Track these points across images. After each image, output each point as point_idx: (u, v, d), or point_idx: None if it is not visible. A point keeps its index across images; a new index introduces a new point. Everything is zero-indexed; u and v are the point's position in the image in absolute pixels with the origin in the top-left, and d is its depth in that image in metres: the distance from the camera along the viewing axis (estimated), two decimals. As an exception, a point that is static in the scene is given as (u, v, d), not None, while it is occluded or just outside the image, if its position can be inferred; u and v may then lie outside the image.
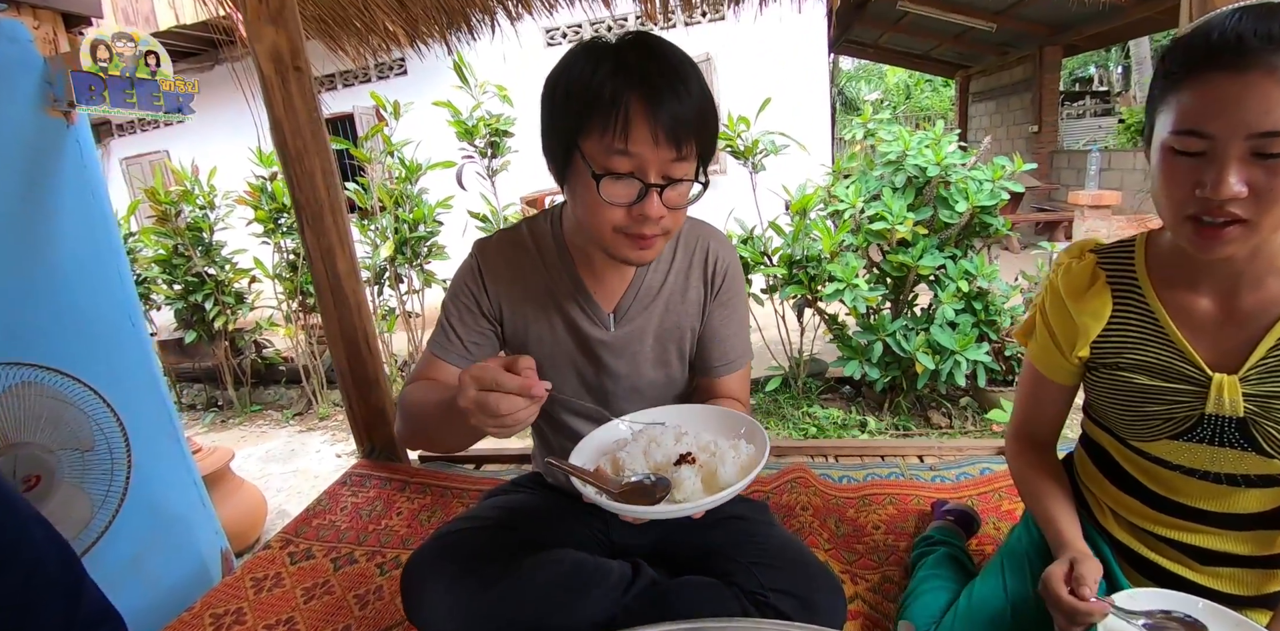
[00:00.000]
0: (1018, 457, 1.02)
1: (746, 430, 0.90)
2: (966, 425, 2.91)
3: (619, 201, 0.86)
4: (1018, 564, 1.00)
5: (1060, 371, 0.96)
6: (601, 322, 1.07)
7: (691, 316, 1.10)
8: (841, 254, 2.87)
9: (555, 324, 1.07)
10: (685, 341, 1.11)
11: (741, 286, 1.14)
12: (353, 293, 1.75)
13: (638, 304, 1.07)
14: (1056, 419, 1.02)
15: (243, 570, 1.43)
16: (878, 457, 1.69)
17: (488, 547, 1.00)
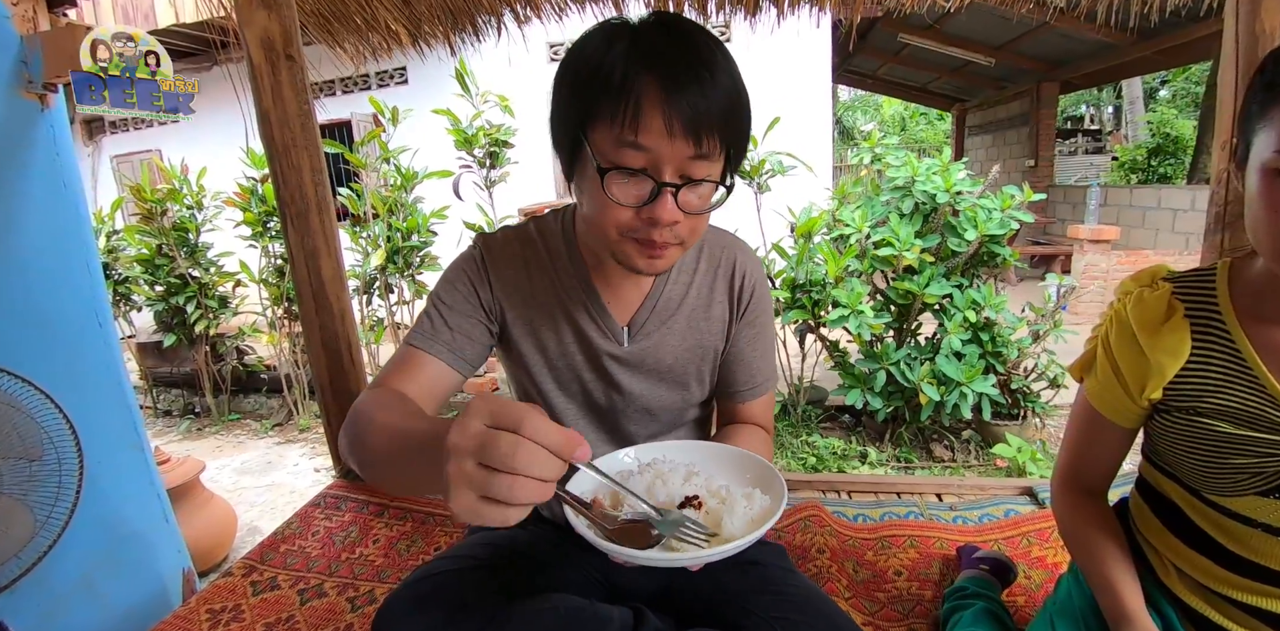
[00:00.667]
0: (1069, 509, 0.91)
1: (763, 477, 0.80)
2: (970, 459, 2.81)
3: (627, 201, 0.75)
4: (1071, 625, 0.89)
5: (1123, 413, 0.85)
6: (614, 336, 0.96)
7: (715, 336, 1.00)
8: (846, 279, 2.79)
9: (563, 333, 0.96)
10: (707, 362, 1.00)
11: (769, 305, 1.04)
12: (336, 298, 1.63)
13: (655, 318, 0.97)
14: (1112, 465, 0.91)
15: (198, 600, 1.29)
16: (893, 495, 1.58)
17: (470, 593, 0.87)
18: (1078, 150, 12.30)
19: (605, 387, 0.99)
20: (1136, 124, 12.31)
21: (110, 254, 3.90)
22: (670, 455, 0.82)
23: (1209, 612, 0.82)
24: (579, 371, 0.99)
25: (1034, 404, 2.85)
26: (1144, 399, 0.80)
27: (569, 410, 1.02)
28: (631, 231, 0.78)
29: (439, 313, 0.94)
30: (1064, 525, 0.92)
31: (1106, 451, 0.89)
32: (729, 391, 1.03)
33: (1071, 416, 0.93)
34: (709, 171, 0.76)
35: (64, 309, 1.56)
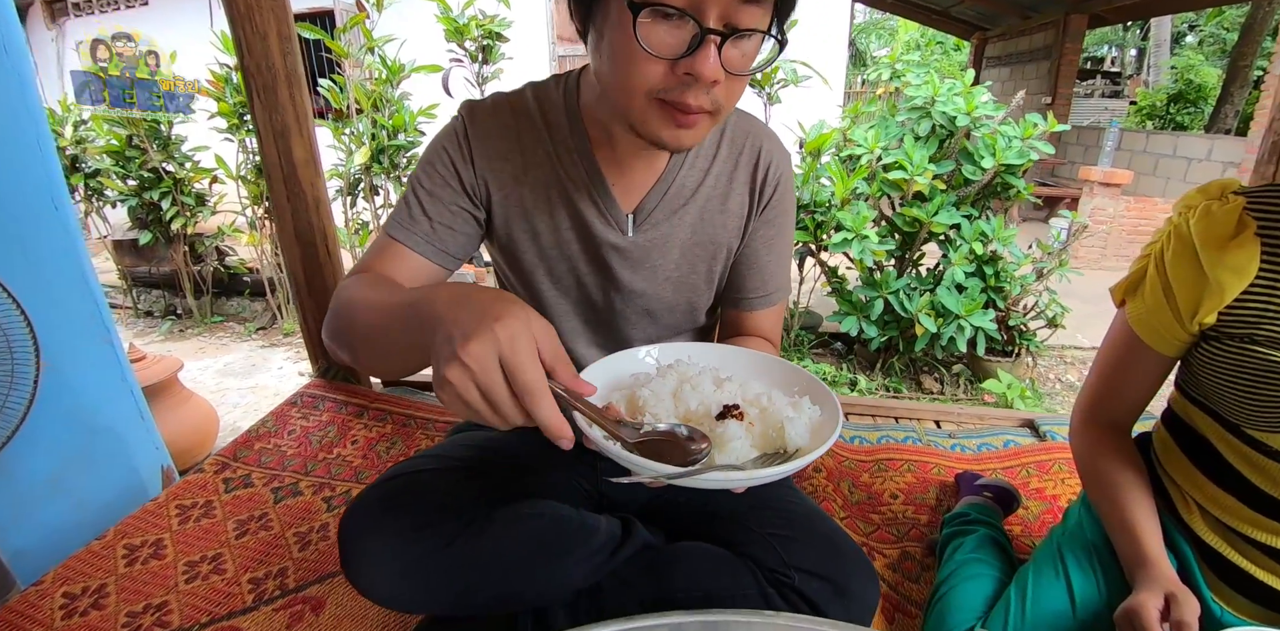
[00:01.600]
0: (1089, 443, 0.84)
1: (807, 387, 0.69)
2: (959, 393, 2.78)
3: (662, 51, 0.60)
4: (1082, 557, 0.83)
5: (1167, 340, 0.75)
6: (617, 224, 0.83)
7: (730, 231, 0.87)
8: (853, 202, 2.64)
9: (559, 218, 0.83)
10: (718, 261, 0.88)
11: (792, 204, 0.91)
12: (310, 185, 1.47)
13: (665, 205, 0.84)
14: (1143, 397, 0.82)
15: (168, 496, 1.22)
16: (891, 419, 1.52)
17: (449, 495, 0.79)
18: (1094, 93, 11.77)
19: (602, 283, 0.88)
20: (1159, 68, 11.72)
21: (79, 144, 3.63)
22: (695, 357, 0.71)
23: (1228, 552, 0.76)
24: (574, 263, 0.87)
25: (1029, 342, 2.80)
26: (1194, 324, 0.70)
27: (560, 306, 0.91)
28: (663, 91, 0.63)
29: (418, 199, 0.80)
30: (1083, 460, 0.84)
31: (1140, 382, 0.81)
32: (737, 297, 0.91)
33: (1105, 343, 0.83)
34: (759, 20, 0.61)
35: (13, 189, 1.39)
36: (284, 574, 1.03)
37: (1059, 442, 1.38)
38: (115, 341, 1.69)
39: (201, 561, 1.06)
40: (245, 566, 1.05)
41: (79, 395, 1.54)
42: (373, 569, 0.74)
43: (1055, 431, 1.42)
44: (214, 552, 1.08)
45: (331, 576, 1.02)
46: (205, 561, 1.06)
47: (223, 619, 0.94)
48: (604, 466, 0.92)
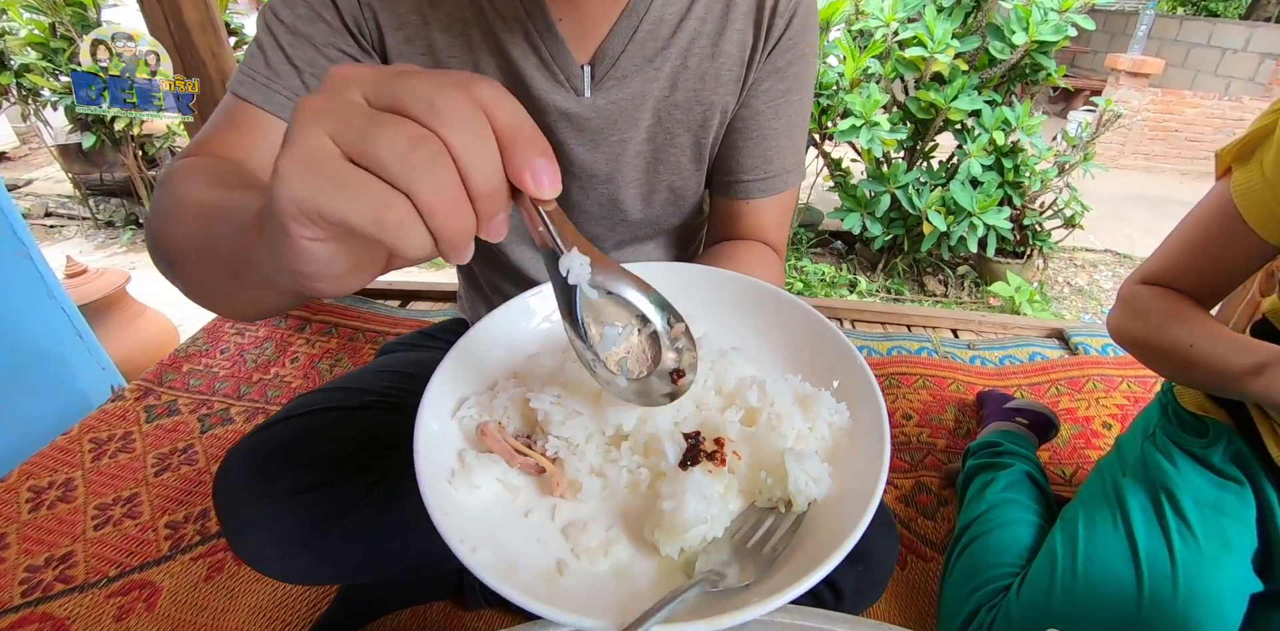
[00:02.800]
0: (1145, 293, 0.64)
1: (826, 357, 0.44)
2: (963, 295, 2.58)
3: None
4: (1148, 503, 0.66)
5: (1277, 218, 0.55)
6: (569, 80, 0.57)
7: (725, 85, 0.61)
8: (863, 84, 2.28)
9: (484, 73, 0.56)
10: (709, 129, 0.63)
11: (813, 45, 0.63)
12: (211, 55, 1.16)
13: (635, 51, 0.57)
14: (1221, 285, 0.63)
15: (80, 429, 1.04)
16: (903, 328, 1.32)
17: (356, 442, 0.59)
18: (1122, -30, 10.57)
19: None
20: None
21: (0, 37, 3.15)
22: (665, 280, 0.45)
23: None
24: None
25: (1043, 243, 2.55)
26: None
27: None
28: None
29: (276, 42, 0.52)
30: (1134, 309, 0.63)
31: (1222, 269, 0.60)
32: (729, 180, 0.66)
33: (1189, 217, 0.62)
34: None
35: None
36: (205, 516, 0.87)
37: (1091, 357, 1.19)
38: (35, 256, 1.46)
39: (114, 504, 0.89)
40: (163, 508, 0.88)
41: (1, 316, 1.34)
42: (257, 541, 0.56)
43: (1088, 344, 1.22)
44: (129, 493, 0.91)
45: (258, 521, 0.86)
46: (119, 504, 0.89)
47: (133, 571, 0.79)
48: None
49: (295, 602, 0.75)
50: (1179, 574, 0.60)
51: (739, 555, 0.35)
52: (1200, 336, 0.56)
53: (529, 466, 0.38)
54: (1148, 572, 0.60)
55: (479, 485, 0.37)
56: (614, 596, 0.33)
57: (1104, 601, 0.60)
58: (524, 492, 0.38)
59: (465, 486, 0.37)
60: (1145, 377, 1.12)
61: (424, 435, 0.37)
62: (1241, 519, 0.64)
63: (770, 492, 0.38)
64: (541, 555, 0.35)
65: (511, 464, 0.38)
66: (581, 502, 0.38)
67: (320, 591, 0.75)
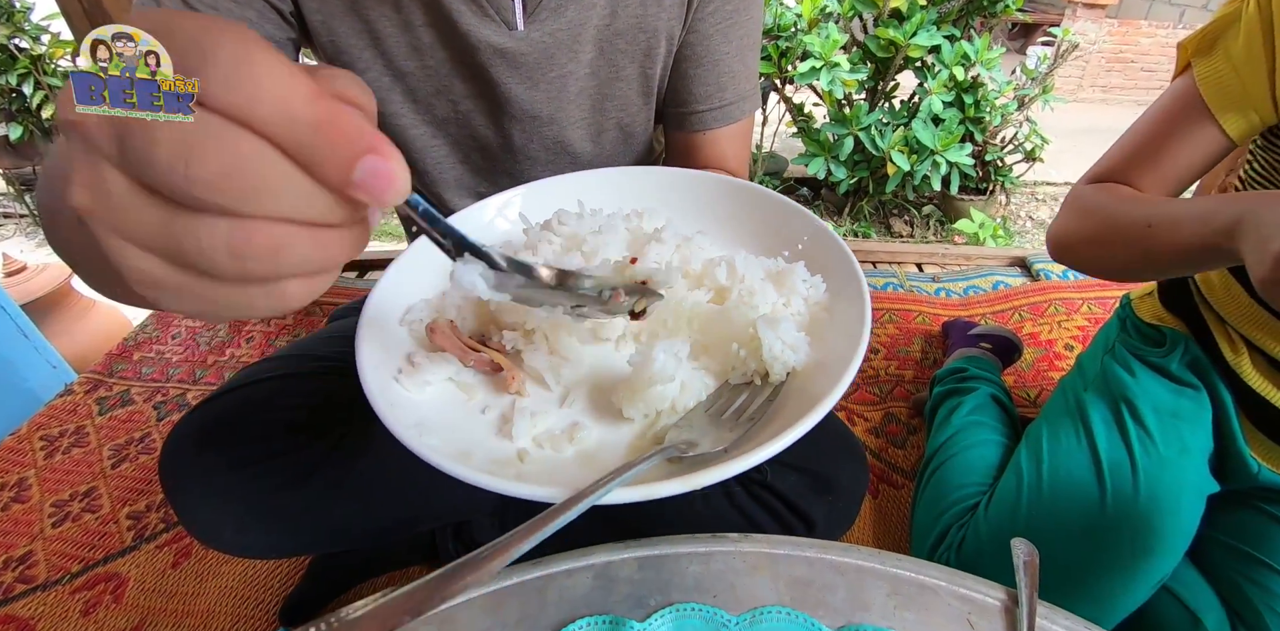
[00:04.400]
0: (1095, 190, 0.61)
1: (800, 236, 0.41)
2: (929, 235, 2.58)
3: None
4: (1108, 415, 0.66)
5: (1242, 110, 0.53)
6: (499, 12, 0.53)
7: (668, 9, 0.56)
8: (822, 24, 2.21)
9: (409, 10, 0.52)
10: (655, 58, 0.58)
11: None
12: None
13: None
14: (1176, 187, 0.59)
15: (30, 427, 1.00)
16: (869, 264, 1.31)
17: (305, 410, 0.56)
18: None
19: (489, 107, 0.58)
20: None
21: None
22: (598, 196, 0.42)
23: (1277, 398, 0.60)
24: (442, 79, 0.56)
25: (1005, 178, 2.54)
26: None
27: (435, 148, 0.62)
28: None
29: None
30: (1081, 206, 0.60)
31: (1181, 161, 0.57)
32: (683, 111, 0.62)
33: (1146, 115, 0.59)
34: None
35: None
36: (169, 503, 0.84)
37: (1053, 282, 1.19)
38: (-37, 253, 1.38)
39: (72, 500, 0.86)
40: (123, 499, 0.85)
41: (-67, 319, 1.27)
42: (207, 517, 0.53)
43: (1049, 270, 1.22)
44: (86, 487, 0.87)
45: (223, 503, 0.84)
46: (76, 499, 0.86)
47: (98, 564, 0.76)
48: None
49: (267, 579, 0.73)
50: (1140, 478, 0.60)
51: (713, 426, 0.33)
52: (1156, 213, 0.51)
53: (483, 363, 0.36)
54: (1110, 479, 0.60)
55: (430, 381, 0.35)
56: (576, 475, 0.31)
57: (1069, 509, 0.60)
58: (479, 391, 0.36)
59: (415, 384, 0.34)
60: (1105, 298, 1.12)
61: (366, 338, 0.35)
62: (1198, 423, 0.65)
63: (744, 366, 0.36)
64: (500, 446, 0.33)
65: (465, 362, 0.36)
66: (541, 394, 0.36)
67: (291, 565, 0.74)
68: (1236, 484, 0.65)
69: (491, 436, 0.34)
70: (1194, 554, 0.64)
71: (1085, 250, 0.59)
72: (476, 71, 0.56)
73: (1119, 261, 0.56)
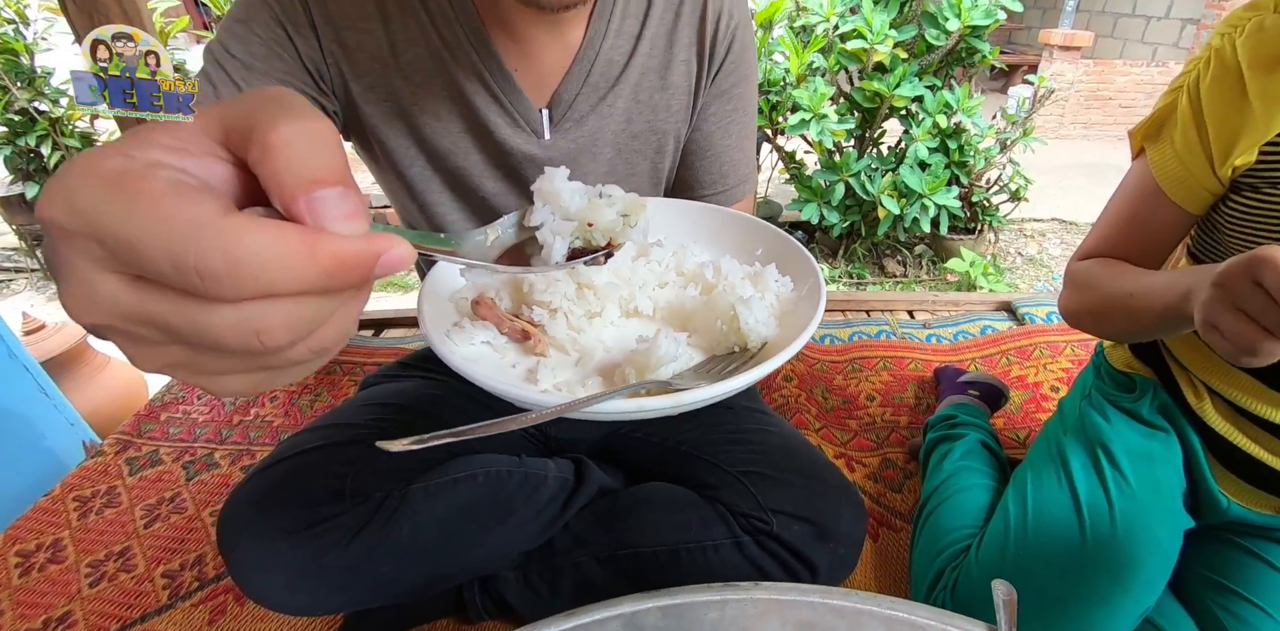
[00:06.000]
0: (1089, 264, 0.69)
1: (774, 250, 0.51)
2: (922, 274, 2.68)
3: None
4: (1087, 459, 0.72)
5: (1192, 190, 0.61)
6: (529, 125, 0.61)
7: (675, 113, 0.65)
8: (809, 78, 2.36)
9: (449, 120, 0.60)
10: (665, 154, 0.68)
11: (753, 65, 0.68)
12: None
13: (589, 93, 0.61)
14: (1153, 254, 0.68)
15: (63, 489, 1.05)
16: (862, 313, 1.38)
17: (347, 477, 0.63)
18: (1046, -57, 10.93)
19: (518, 200, 0.67)
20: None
21: (-75, 87, 3.08)
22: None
23: (1239, 439, 0.67)
24: (477, 180, 0.65)
25: (992, 218, 2.66)
26: (1227, 167, 0.58)
27: (466, 227, 0.71)
28: None
29: (227, 74, 0.54)
30: (1078, 282, 0.68)
31: (1153, 239, 0.66)
32: (691, 195, 0.71)
33: (1115, 197, 0.68)
34: None
35: None
36: (201, 562, 0.89)
37: (1038, 325, 1.27)
38: (-9, 314, 1.46)
39: (107, 560, 0.91)
40: (157, 558, 0.90)
41: (-41, 381, 1.33)
42: (260, 578, 0.59)
43: (1033, 313, 1.30)
44: (121, 547, 0.92)
45: (255, 559, 0.89)
46: (111, 559, 0.91)
47: (135, 622, 0.81)
48: None
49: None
50: (1117, 518, 0.66)
51: (700, 377, 0.41)
52: (1140, 285, 0.59)
53: (515, 332, 0.45)
54: (1089, 520, 0.66)
55: (472, 342, 0.44)
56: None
57: (1053, 549, 0.66)
58: (510, 352, 0.45)
59: (461, 340, 0.44)
60: (1086, 341, 1.20)
61: (427, 307, 0.44)
62: (1169, 464, 0.71)
63: (726, 340, 0.45)
64: (520, 387, 0.41)
65: (501, 328, 0.45)
66: (561, 357, 0.45)
67: (326, 621, 0.78)
68: (1210, 519, 0.71)
69: (519, 382, 0.43)
70: (1176, 587, 0.69)
71: (1088, 320, 0.68)
72: (508, 171, 0.64)
73: (1116, 327, 0.64)
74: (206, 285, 0.17)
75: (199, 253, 0.16)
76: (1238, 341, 0.43)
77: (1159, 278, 0.58)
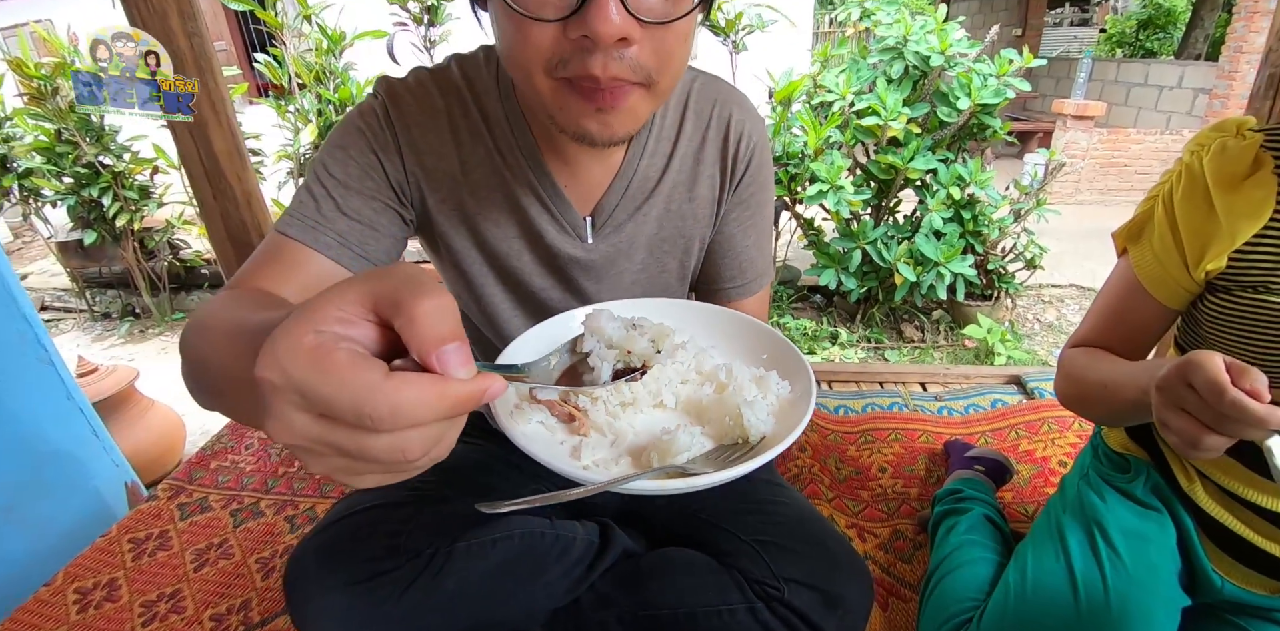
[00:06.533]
0: (1079, 353, 0.77)
1: (776, 356, 0.61)
2: (939, 339, 2.74)
3: (541, 10, 0.48)
4: (1083, 536, 0.78)
5: (1173, 289, 0.69)
6: (576, 231, 0.72)
7: (701, 221, 0.76)
8: (826, 152, 2.51)
9: (506, 227, 0.72)
10: (690, 255, 0.78)
11: (770, 179, 0.79)
12: (237, 179, 1.32)
13: (628, 203, 0.72)
14: (1139, 346, 0.75)
15: (119, 530, 1.13)
16: (875, 385, 1.45)
17: (401, 535, 0.71)
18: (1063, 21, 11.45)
19: (563, 296, 0.77)
20: (1129, -6, 11.37)
21: (5, 143, 3.37)
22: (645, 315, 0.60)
23: (1229, 521, 0.72)
24: (528, 277, 0.75)
25: (1008, 285, 2.74)
26: (1200, 271, 0.65)
27: (516, 316, 0.81)
28: (560, 64, 0.50)
29: (326, 192, 0.66)
30: (1066, 370, 0.76)
31: (1138, 330, 0.74)
32: (713, 288, 0.81)
33: (1103, 291, 0.76)
34: None
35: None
36: (247, 607, 0.96)
37: (1047, 400, 1.33)
38: (55, 360, 1.57)
39: (159, 600, 0.98)
40: (206, 602, 0.97)
41: (22, 422, 1.43)
42: (322, 625, 0.66)
43: (1043, 388, 1.36)
44: (172, 589, 1.00)
45: (297, 607, 0.95)
46: (163, 600, 0.98)
47: (184, 662, 0.88)
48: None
49: (340, 681, 0.83)
50: (1111, 596, 0.71)
51: (709, 463, 0.51)
52: (1112, 376, 0.67)
53: (564, 415, 0.56)
54: (1084, 594, 0.71)
55: (530, 421, 0.55)
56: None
57: (1048, 621, 0.71)
58: (559, 431, 0.56)
59: (521, 419, 0.54)
60: (1094, 419, 1.25)
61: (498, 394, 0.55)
62: (1164, 543, 0.76)
63: (732, 432, 0.55)
64: (567, 463, 0.51)
65: (552, 412, 0.56)
66: (600, 438, 0.56)
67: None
68: (1206, 597, 0.75)
69: (565, 457, 0.53)
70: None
71: (1076, 405, 0.76)
72: (554, 270, 0.75)
73: (1099, 412, 0.72)
74: (375, 424, 0.26)
75: (372, 405, 0.26)
76: (1182, 437, 0.51)
77: (1129, 370, 0.66)
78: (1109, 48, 9.59)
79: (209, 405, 0.49)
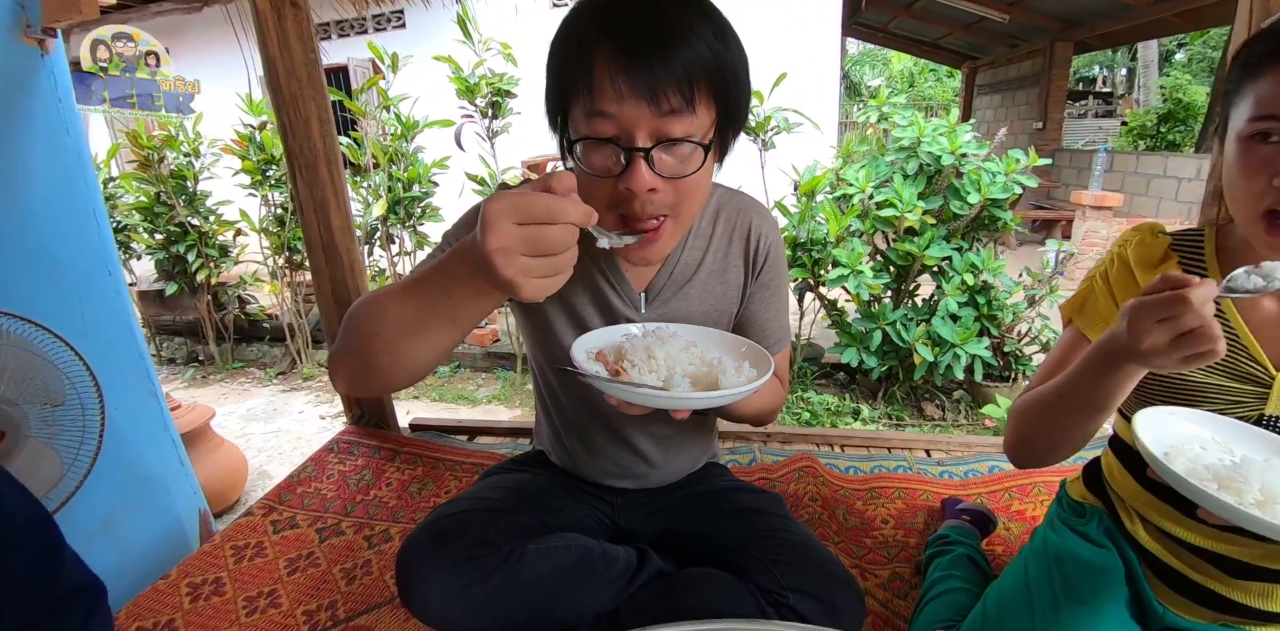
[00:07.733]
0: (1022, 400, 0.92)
1: (755, 358, 0.87)
2: (960, 418, 2.89)
3: (601, 172, 0.75)
4: (1044, 575, 0.95)
5: None
6: (632, 302, 0.99)
7: (730, 300, 1.02)
8: (847, 239, 2.80)
9: (580, 297, 0.99)
10: (722, 325, 1.04)
11: (783, 266, 1.06)
12: (346, 250, 1.64)
13: (672, 284, 0.99)
14: None
15: (222, 537, 1.35)
16: (884, 450, 1.65)
17: (488, 532, 0.93)
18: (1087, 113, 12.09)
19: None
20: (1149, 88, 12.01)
21: (108, 201, 3.87)
22: (677, 331, 0.89)
23: (1168, 558, 0.89)
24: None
25: (1025, 367, 2.92)
26: None
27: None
28: (614, 206, 0.78)
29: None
30: (1016, 414, 0.90)
31: None
32: None
33: (1051, 353, 0.94)
34: (688, 130, 0.73)
35: (73, 256, 1.56)
36: (334, 606, 1.16)
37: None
38: (159, 394, 1.85)
39: (259, 596, 1.19)
40: (299, 600, 1.17)
41: (129, 446, 1.68)
42: (427, 597, 0.88)
43: (1037, 457, 1.54)
44: (269, 588, 1.21)
45: (378, 607, 1.15)
46: (262, 596, 1.19)
47: (283, 648, 1.07)
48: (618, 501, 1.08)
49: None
50: (1063, 613, 0.88)
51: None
52: (1058, 381, 0.80)
53: (612, 371, 0.80)
54: (1037, 609, 0.88)
55: (593, 370, 0.78)
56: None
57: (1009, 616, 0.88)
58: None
59: (587, 369, 0.78)
60: (1078, 486, 1.42)
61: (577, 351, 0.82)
62: (1113, 576, 0.92)
63: (713, 389, 0.79)
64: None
65: (606, 367, 0.80)
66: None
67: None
68: (1153, 625, 0.91)
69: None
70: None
71: (1024, 449, 0.91)
72: None
73: (1057, 434, 0.85)
74: (549, 216, 0.55)
75: (547, 203, 0.55)
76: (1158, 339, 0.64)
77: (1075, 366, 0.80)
78: (1131, 140, 10.02)
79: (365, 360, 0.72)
